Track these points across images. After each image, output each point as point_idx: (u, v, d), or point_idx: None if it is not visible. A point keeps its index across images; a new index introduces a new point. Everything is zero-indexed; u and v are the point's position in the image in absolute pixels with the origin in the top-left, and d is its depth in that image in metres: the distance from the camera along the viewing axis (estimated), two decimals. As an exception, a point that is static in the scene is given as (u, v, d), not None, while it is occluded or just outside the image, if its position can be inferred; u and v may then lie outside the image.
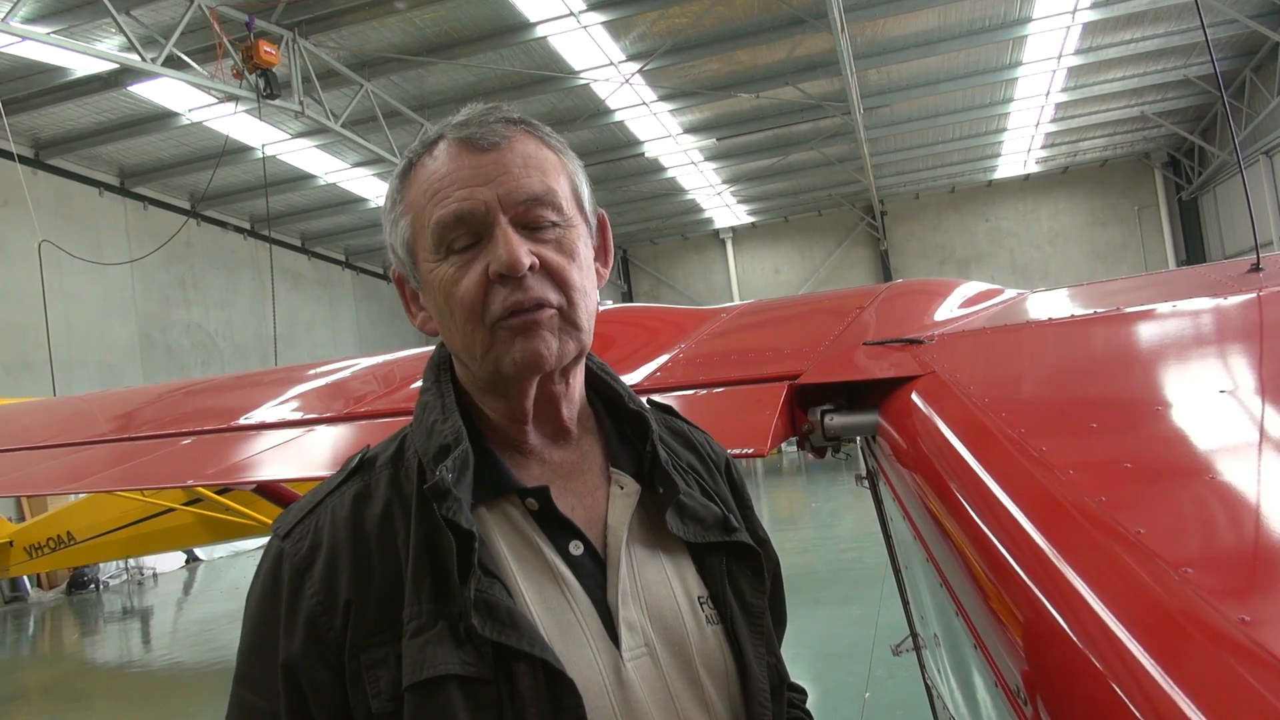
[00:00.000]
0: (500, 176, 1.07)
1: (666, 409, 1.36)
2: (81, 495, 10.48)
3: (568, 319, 1.10)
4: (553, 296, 1.08)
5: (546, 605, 1.05)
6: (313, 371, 3.31)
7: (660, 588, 1.12)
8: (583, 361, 1.18)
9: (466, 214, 1.06)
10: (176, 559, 16.70)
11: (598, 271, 1.19)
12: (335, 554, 1.05)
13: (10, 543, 10.78)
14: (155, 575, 16.16)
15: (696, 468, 1.26)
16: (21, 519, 12.98)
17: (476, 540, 1.01)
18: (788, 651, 1.38)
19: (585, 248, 1.14)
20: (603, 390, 1.25)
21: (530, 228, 1.08)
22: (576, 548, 1.10)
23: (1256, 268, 1.80)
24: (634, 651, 1.07)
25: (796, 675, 1.41)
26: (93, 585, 15.31)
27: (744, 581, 1.18)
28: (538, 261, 1.06)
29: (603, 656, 1.04)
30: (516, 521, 1.09)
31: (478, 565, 1.01)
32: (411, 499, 1.07)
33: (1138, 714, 0.68)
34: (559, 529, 1.10)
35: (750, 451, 1.55)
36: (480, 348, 1.08)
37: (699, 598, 1.14)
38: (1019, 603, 0.90)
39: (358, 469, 1.14)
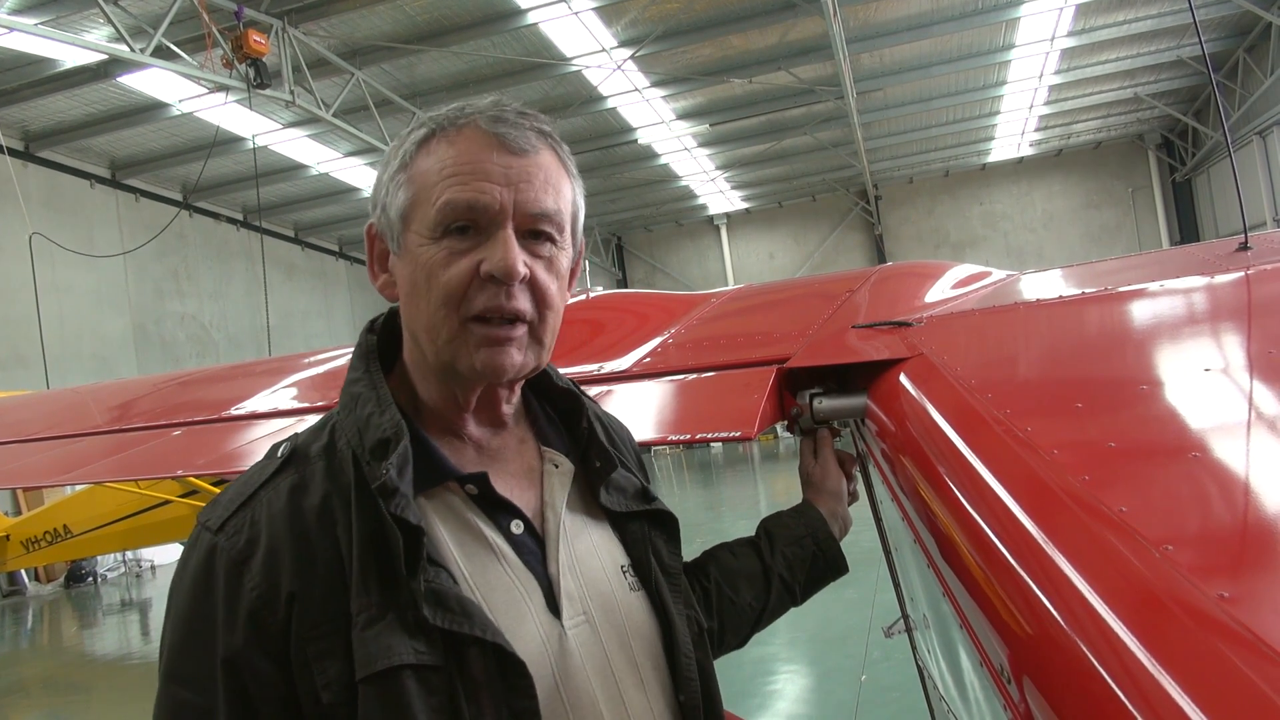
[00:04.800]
0: (521, 183, 1.10)
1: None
2: (78, 488, 10.47)
3: (535, 335, 1.14)
4: (528, 310, 1.11)
5: (490, 585, 1.09)
6: (305, 361, 3.31)
7: (591, 559, 1.20)
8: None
9: (480, 206, 1.08)
10: (174, 551, 16.69)
11: None
12: (275, 546, 1.03)
13: (7, 537, 10.78)
14: (153, 567, 16.15)
15: (614, 441, 1.33)
16: (18, 513, 12.98)
17: (424, 535, 1.04)
18: (784, 636, 1.42)
19: (567, 270, 1.19)
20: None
21: (530, 239, 1.12)
22: (517, 527, 1.15)
23: (1245, 246, 1.80)
24: (574, 620, 1.14)
25: (793, 659, 1.47)
26: (90, 578, 15.32)
27: (662, 546, 1.28)
28: (529, 273, 1.10)
29: (546, 628, 1.11)
30: (456, 507, 1.13)
31: (425, 557, 1.03)
32: (350, 490, 1.07)
33: (1119, 692, 0.69)
34: (499, 510, 1.15)
35: (738, 435, 1.56)
36: (445, 335, 1.10)
37: (622, 565, 1.23)
38: (1003, 583, 0.90)
39: (290, 460, 1.12)
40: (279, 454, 1.13)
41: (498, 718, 1.02)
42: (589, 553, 1.21)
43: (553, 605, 1.13)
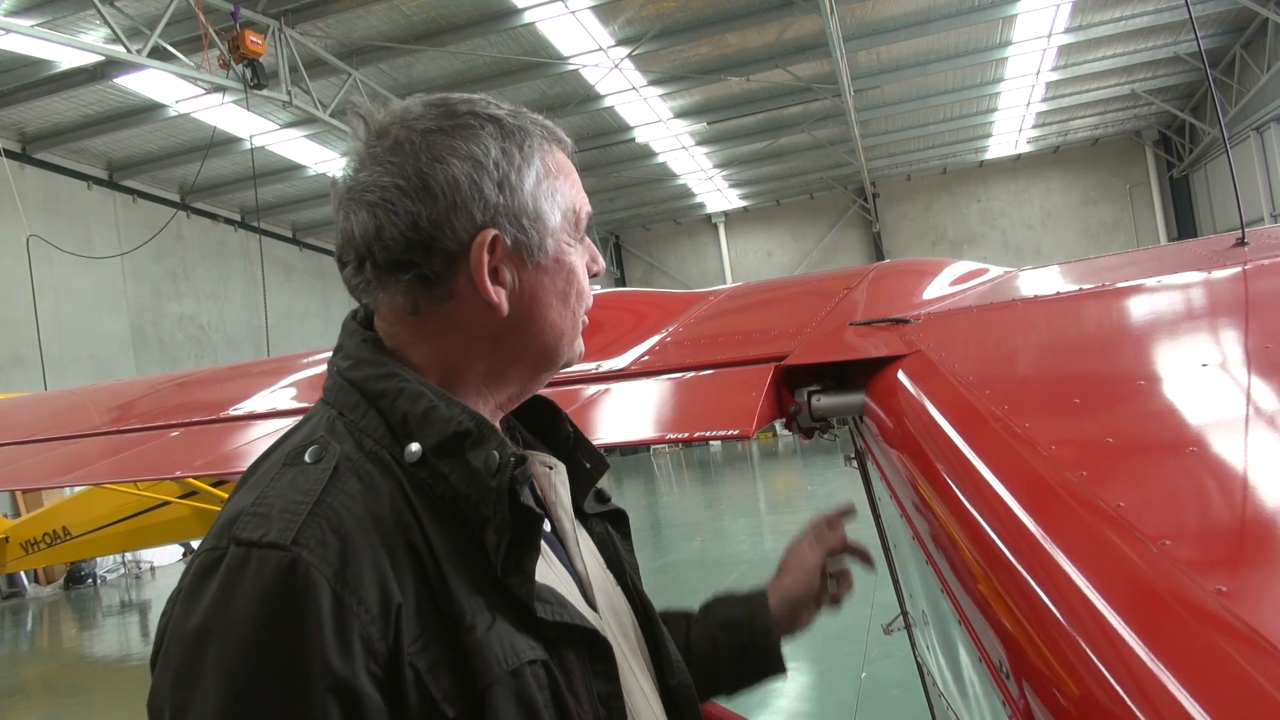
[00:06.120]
0: None
1: None
2: (77, 490, 10.47)
3: None
4: None
5: (545, 581, 1.08)
6: (304, 361, 3.30)
7: (588, 556, 1.22)
8: None
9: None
10: (174, 552, 16.67)
11: None
12: (373, 556, 0.93)
13: (6, 539, 10.76)
14: (153, 569, 16.14)
15: None
16: (17, 515, 12.96)
17: (543, 522, 1.04)
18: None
19: None
20: None
21: None
22: (545, 525, 1.14)
23: (1241, 242, 1.80)
24: (603, 612, 1.17)
25: (793, 657, 1.48)
26: (90, 580, 15.31)
27: (619, 543, 1.31)
28: None
29: (593, 620, 1.12)
30: None
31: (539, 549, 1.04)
32: (408, 492, 1.00)
33: (1118, 686, 0.69)
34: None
35: (736, 433, 1.55)
36: (573, 333, 1.18)
37: (601, 562, 1.26)
38: (1001, 579, 0.90)
39: (340, 465, 1.00)
40: (314, 459, 1.01)
41: (590, 701, 1.04)
42: (585, 550, 1.23)
43: (587, 600, 1.15)
